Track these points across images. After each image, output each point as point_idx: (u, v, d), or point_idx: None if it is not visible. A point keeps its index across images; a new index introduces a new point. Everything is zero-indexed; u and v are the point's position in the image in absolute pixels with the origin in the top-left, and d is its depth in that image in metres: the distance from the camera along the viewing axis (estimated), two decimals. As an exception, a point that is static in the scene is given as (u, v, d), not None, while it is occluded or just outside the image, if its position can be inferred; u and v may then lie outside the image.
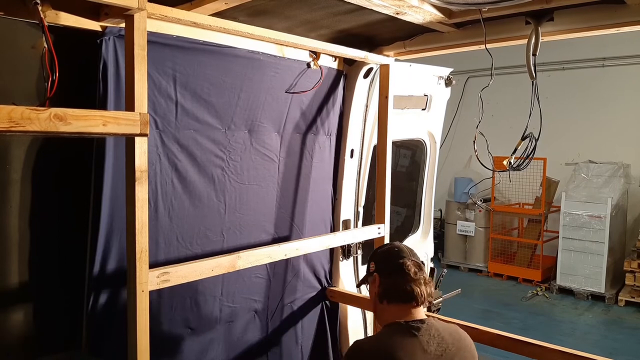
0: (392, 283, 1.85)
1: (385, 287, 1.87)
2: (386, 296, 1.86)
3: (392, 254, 1.91)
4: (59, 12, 1.58)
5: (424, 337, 1.73)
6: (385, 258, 1.94)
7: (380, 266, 1.93)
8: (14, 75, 1.61)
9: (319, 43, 2.19)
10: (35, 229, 1.74)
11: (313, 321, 2.75)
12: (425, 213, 3.64)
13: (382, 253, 2.00)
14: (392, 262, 1.88)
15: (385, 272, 1.89)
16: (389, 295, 1.85)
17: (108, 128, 1.37)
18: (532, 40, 2.04)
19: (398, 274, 1.84)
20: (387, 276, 1.88)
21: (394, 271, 1.86)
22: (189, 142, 2.04)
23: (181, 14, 1.67)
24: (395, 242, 2.02)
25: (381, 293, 1.88)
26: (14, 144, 1.68)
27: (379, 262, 1.95)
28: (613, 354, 4.93)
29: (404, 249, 1.94)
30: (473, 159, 8.29)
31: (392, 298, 1.84)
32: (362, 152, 2.85)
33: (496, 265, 8.10)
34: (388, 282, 1.87)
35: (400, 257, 1.87)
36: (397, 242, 2.04)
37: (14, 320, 1.75)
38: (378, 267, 1.94)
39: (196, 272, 1.80)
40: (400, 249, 1.94)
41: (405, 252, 1.91)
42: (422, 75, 3.08)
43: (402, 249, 1.94)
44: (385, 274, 1.89)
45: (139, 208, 1.51)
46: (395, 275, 1.85)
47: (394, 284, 1.84)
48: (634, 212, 7.61)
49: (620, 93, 7.76)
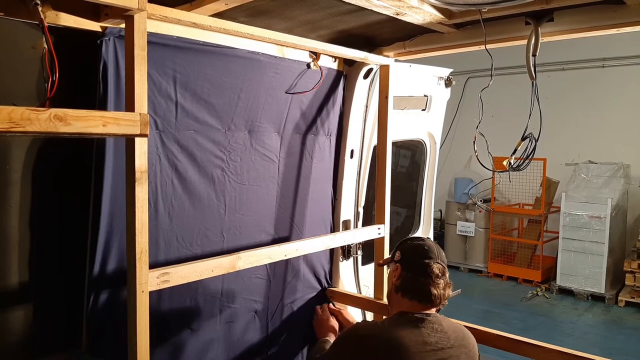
0: (413, 280, 1.85)
1: (405, 281, 1.88)
2: (403, 290, 1.87)
3: (420, 251, 1.90)
4: (59, 12, 1.58)
5: (426, 330, 1.76)
6: (413, 253, 1.93)
7: (405, 259, 1.93)
8: (14, 76, 1.61)
9: (318, 44, 2.19)
10: (35, 229, 1.74)
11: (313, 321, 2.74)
12: (425, 213, 3.64)
13: (411, 247, 1.97)
14: (417, 259, 1.88)
15: (409, 266, 1.90)
16: (406, 290, 1.86)
17: (108, 129, 1.37)
18: (532, 40, 2.04)
19: (420, 273, 1.84)
20: (409, 271, 1.88)
21: (417, 269, 1.86)
22: (189, 142, 2.04)
23: (181, 14, 1.67)
24: (427, 239, 2.00)
25: (399, 285, 1.89)
26: (14, 144, 1.68)
27: (404, 255, 1.95)
28: (613, 354, 4.94)
29: (433, 249, 1.92)
30: (473, 159, 8.29)
31: (408, 293, 1.85)
32: (362, 152, 2.85)
33: (496, 265, 8.11)
34: (409, 277, 1.87)
35: (427, 257, 1.87)
36: (428, 239, 2.01)
37: (14, 321, 1.75)
38: (403, 259, 1.93)
39: (196, 273, 1.80)
40: (429, 248, 1.91)
41: (433, 252, 1.90)
42: (422, 76, 3.08)
43: (431, 248, 1.91)
44: (407, 268, 1.89)
45: (139, 208, 1.51)
46: (417, 273, 1.85)
47: (414, 281, 1.85)
48: (634, 212, 7.62)
49: (620, 93, 7.76)
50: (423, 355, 1.71)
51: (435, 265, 1.85)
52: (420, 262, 1.86)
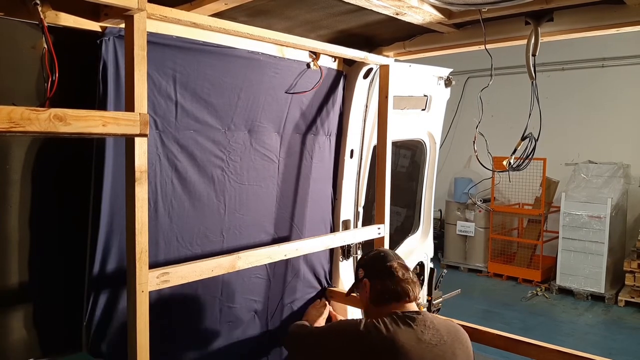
0: (382, 286, 1.92)
1: (376, 290, 1.94)
2: (378, 299, 1.93)
3: (379, 259, 2.00)
4: (59, 12, 1.58)
5: (418, 327, 1.80)
6: (373, 264, 2.02)
7: (369, 272, 2.01)
8: (14, 76, 1.61)
9: (318, 43, 2.19)
10: (35, 229, 1.74)
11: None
12: (425, 213, 3.64)
13: (369, 259, 2.07)
14: (379, 266, 1.97)
15: (375, 276, 1.97)
16: (380, 297, 1.92)
17: (108, 128, 1.37)
18: (531, 40, 2.04)
19: (387, 277, 1.92)
20: (376, 280, 1.95)
21: (383, 275, 1.93)
22: (189, 142, 2.04)
23: (181, 14, 1.67)
24: (379, 247, 2.11)
25: (373, 297, 1.95)
26: (14, 144, 1.68)
27: (367, 268, 2.03)
28: (613, 354, 4.94)
29: (389, 253, 2.04)
30: (473, 159, 8.30)
31: (384, 300, 1.91)
32: (362, 152, 2.85)
33: (496, 265, 8.11)
34: (378, 285, 1.94)
35: (387, 261, 1.97)
36: (381, 247, 2.11)
37: (14, 321, 1.75)
38: (367, 273, 2.01)
39: (196, 273, 1.80)
40: (386, 253, 2.04)
41: (390, 255, 2.01)
42: (422, 76, 3.08)
43: (387, 253, 2.04)
44: (374, 278, 1.97)
45: (138, 208, 1.51)
46: (384, 279, 1.93)
47: (385, 285, 1.92)
48: (633, 212, 7.62)
49: (620, 93, 7.76)
50: (419, 353, 1.74)
51: (397, 264, 1.95)
52: (383, 267, 1.95)
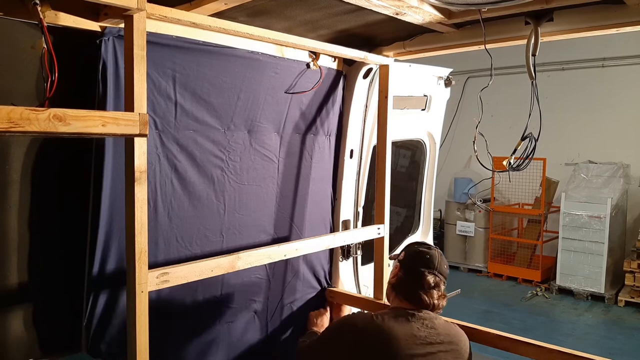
0: (407, 284, 1.96)
1: (400, 282, 1.98)
2: (397, 289, 1.99)
3: (421, 259, 1.97)
4: (58, 12, 1.58)
5: (416, 324, 1.83)
6: (414, 258, 2.01)
7: (406, 262, 2.02)
8: (13, 76, 1.61)
9: (318, 43, 2.19)
10: (35, 229, 1.74)
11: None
12: (424, 213, 3.64)
13: (415, 252, 2.04)
14: (416, 266, 1.96)
15: (407, 270, 1.99)
16: (399, 290, 1.98)
17: (107, 128, 1.37)
18: (531, 40, 2.03)
19: (414, 280, 1.93)
20: (405, 274, 1.98)
21: (413, 275, 1.95)
22: (189, 142, 2.04)
23: (180, 14, 1.67)
24: (433, 247, 2.04)
25: (394, 284, 2.01)
26: (14, 144, 1.68)
27: (407, 257, 2.04)
28: (613, 354, 4.94)
29: (435, 259, 1.96)
30: (473, 159, 8.30)
31: (401, 294, 1.96)
32: (361, 152, 2.84)
33: (496, 265, 8.10)
34: (404, 280, 1.98)
35: (425, 267, 1.94)
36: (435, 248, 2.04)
37: (13, 321, 1.74)
38: (404, 261, 2.03)
39: (196, 273, 1.80)
40: (431, 257, 1.96)
41: (433, 263, 1.95)
42: (422, 76, 3.08)
43: (432, 258, 1.96)
44: (405, 271, 1.99)
45: (138, 208, 1.51)
46: (412, 279, 1.95)
47: (408, 286, 1.95)
48: (633, 212, 7.61)
49: (620, 93, 7.76)
50: (411, 347, 1.78)
51: (430, 277, 1.92)
52: (417, 270, 1.94)
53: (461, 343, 1.91)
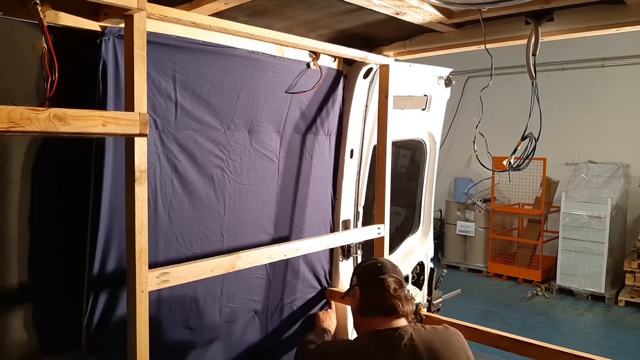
0: (372, 298, 1.87)
1: (365, 301, 1.90)
2: (366, 309, 1.88)
3: (374, 270, 1.94)
4: (59, 12, 1.58)
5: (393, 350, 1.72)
6: (367, 273, 1.97)
7: (362, 280, 1.97)
8: (14, 76, 1.61)
9: (318, 43, 2.19)
10: (34, 229, 1.74)
11: (312, 321, 2.74)
12: (425, 213, 3.63)
13: (365, 268, 2.03)
14: (373, 277, 1.91)
15: (366, 285, 1.93)
16: (368, 308, 1.88)
17: (107, 128, 1.37)
18: (531, 40, 2.03)
19: (378, 290, 1.86)
20: (367, 291, 1.91)
21: (375, 286, 1.88)
22: (189, 142, 2.04)
23: (181, 14, 1.67)
24: (379, 257, 2.05)
25: (361, 307, 1.91)
26: (14, 144, 1.67)
27: (360, 277, 1.99)
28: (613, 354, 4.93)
29: (387, 265, 1.97)
30: (473, 159, 8.30)
31: (371, 312, 1.86)
32: (361, 152, 2.84)
33: (496, 265, 8.10)
34: (368, 296, 1.90)
35: (382, 273, 1.90)
36: (381, 257, 2.06)
37: (13, 321, 1.74)
38: (360, 281, 1.97)
39: (196, 273, 1.80)
40: (383, 264, 1.96)
41: (387, 268, 1.94)
42: (422, 76, 3.08)
43: (384, 264, 1.96)
44: (365, 286, 1.93)
45: (138, 208, 1.51)
46: (375, 291, 1.87)
47: (374, 299, 1.87)
48: (633, 212, 7.62)
49: (620, 93, 7.76)
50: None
51: (391, 279, 1.88)
52: (376, 279, 1.89)
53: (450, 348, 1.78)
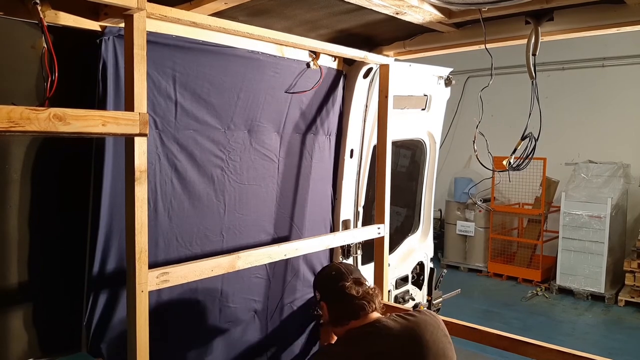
0: (338, 308, 1.88)
1: (334, 313, 1.90)
2: (337, 321, 1.89)
3: (332, 279, 1.94)
4: (58, 12, 1.58)
5: (371, 340, 1.75)
6: (326, 285, 1.97)
7: (325, 294, 1.97)
8: (14, 75, 1.61)
9: (318, 43, 2.19)
10: (34, 229, 1.74)
11: (312, 321, 2.74)
12: (425, 213, 3.64)
13: (322, 280, 2.03)
14: (332, 288, 1.91)
15: (330, 299, 1.93)
16: (340, 318, 1.88)
17: (107, 128, 1.37)
18: (531, 40, 2.03)
19: (341, 298, 1.87)
20: (332, 303, 1.92)
21: (337, 296, 1.89)
22: (189, 142, 2.04)
23: (180, 13, 1.67)
24: (332, 263, 2.05)
25: (332, 318, 1.91)
26: (14, 143, 1.67)
27: (322, 290, 1.99)
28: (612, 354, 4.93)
29: (341, 269, 1.97)
30: (473, 159, 8.29)
31: (344, 319, 1.86)
32: (361, 152, 2.84)
33: (496, 265, 8.10)
34: (335, 308, 1.90)
35: (340, 281, 1.90)
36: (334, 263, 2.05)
37: (14, 321, 1.74)
38: (323, 295, 1.98)
39: (196, 273, 1.80)
40: (338, 271, 1.96)
41: (342, 273, 1.94)
42: (422, 75, 3.08)
43: (339, 271, 1.96)
44: (330, 301, 1.93)
45: (138, 208, 1.51)
46: (340, 300, 1.87)
47: (340, 308, 1.87)
48: (633, 212, 7.61)
49: (620, 93, 7.75)
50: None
51: (350, 283, 1.88)
52: (336, 288, 1.89)
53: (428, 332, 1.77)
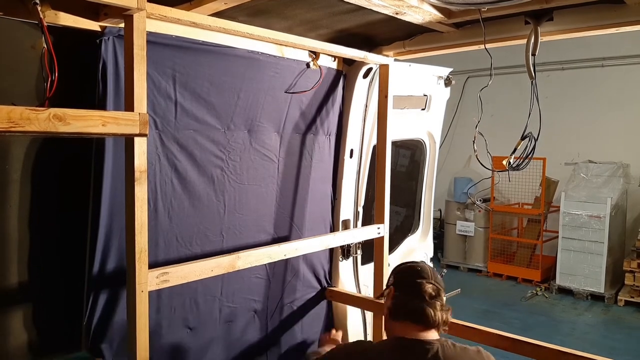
0: (405, 300, 1.79)
1: (397, 302, 1.82)
2: (396, 312, 1.81)
3: (413, 272, 1.86)
4: (58, 12, 1.58)
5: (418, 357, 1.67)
6: (405, 274, 1.89)
7: (398, 280, 1.89)
8: (14, 76, 1.61)
9: (318, 43, 2.19)
10: (34, 229, 1.74)
11: (312, 321, 2.75)
12: (424, 213, 3.64)
13: (404, 269, 1.94)
14: (410, 279, 1.83)
15: (401, 287, 1.85)
16: (399, 311, 1.80)
17: (107, 128, 1.37)
18: (531, 40, 2.04)
19: (412, 292, 1.78)
20: (401, 292, 1.83)
21: (409, 288, 1.80)
22: (189, 142, 2.04)
23: (180, 14, 1.67)
24: (421, 261, 1.97)
25: (392, 307, 1.83)
26: (14, 143, 1.68)
27: (397, 276, 1.92)
28: (612, 354, 4.93)
29: (427, 270, 1.88)
30: (472, 158, 8.29)
31: (401, 315, 1.78)
32: (361, 152, 2.85)
33: (496, 265, 8.10)
34: (401, 297, 1.81)
35: (420, 277, 1.82)
36: (423, 262, 1.97)
37: (14, 321, 1.74)
38: (395, 281, 1.90)
39: (196, 273, 1.80)
40: (423, 269, 1.88)
41: (427, 273, 1.85)
42: (422, 75, 3.08)
43: (424, 269, 1.88)
44: (400, 288, 1.85)
45: (138, 208, 1.51)
46: (409, 293, 1.79)
47: (407, 301, 1.78)
48: (633, 212, 7.61)
49: (620, 93, 7.76)
50: None
51: (428, 285, 1.78)
52: (412, 282, 1.81)
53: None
